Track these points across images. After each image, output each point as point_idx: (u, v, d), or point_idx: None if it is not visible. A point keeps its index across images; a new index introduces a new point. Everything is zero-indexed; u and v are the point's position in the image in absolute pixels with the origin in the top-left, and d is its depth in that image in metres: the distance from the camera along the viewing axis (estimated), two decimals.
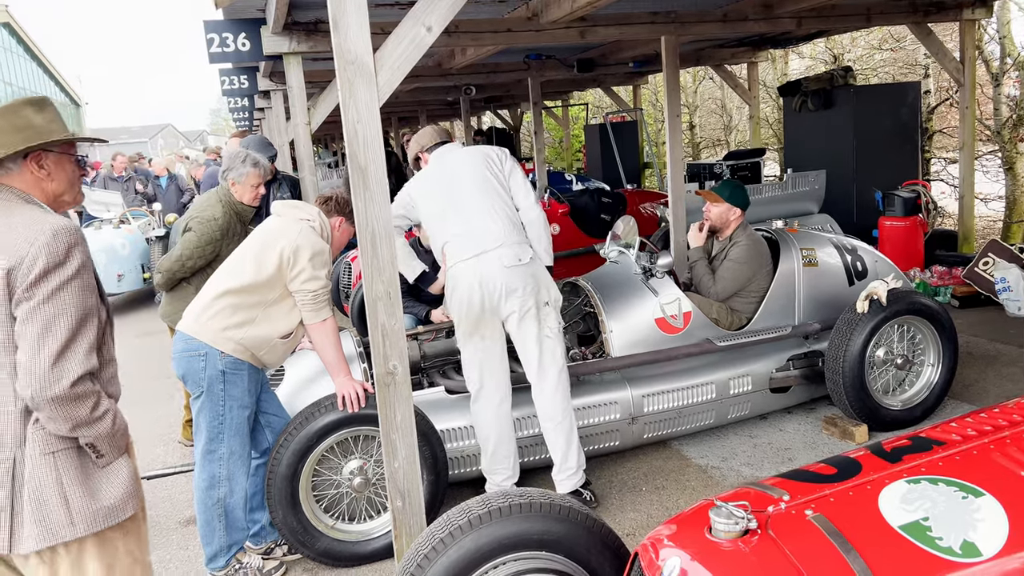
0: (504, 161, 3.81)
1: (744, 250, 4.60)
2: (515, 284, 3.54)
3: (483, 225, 3.59)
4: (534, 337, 3.60)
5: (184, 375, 3.26)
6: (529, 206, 3.75)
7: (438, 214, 3.72)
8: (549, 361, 3.64)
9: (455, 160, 3.81)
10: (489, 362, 3.64)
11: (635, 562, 1.80)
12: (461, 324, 3.64)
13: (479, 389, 3.67)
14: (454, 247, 3.62)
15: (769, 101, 14.56)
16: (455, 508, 2.30)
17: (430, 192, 3.78)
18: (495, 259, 3.54)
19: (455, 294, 3.62)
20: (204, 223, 4.14)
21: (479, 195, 3.65)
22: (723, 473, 4.14)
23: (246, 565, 3.42)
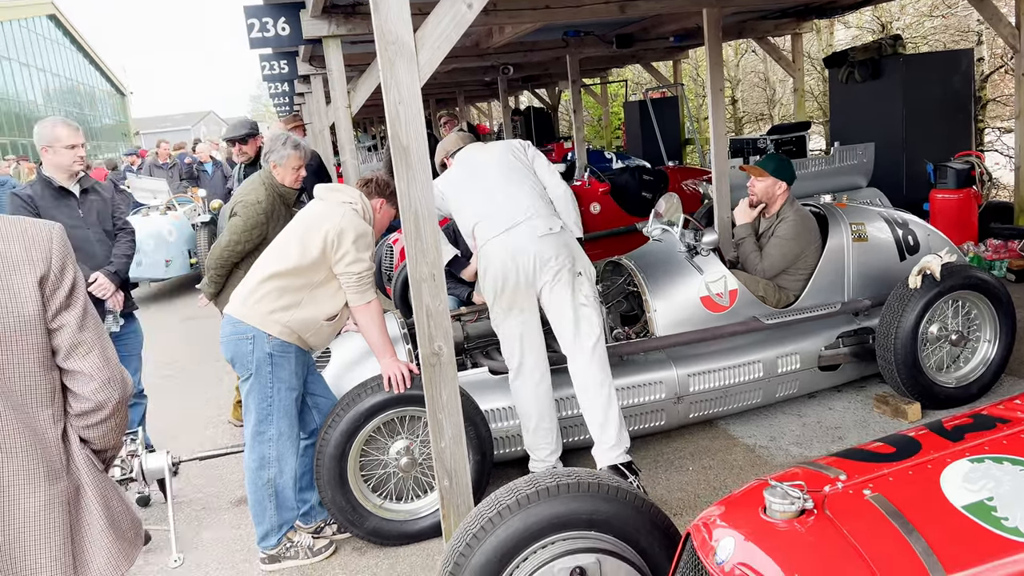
0: (527, 149, 3.96)
1: (792, 226, 4.50)
2: (548, 253, 3.55)
3: (511, 200, 3.66)
4: (569, 304, 3.58)
5: (232, 358, 3.31)
6: (556, 183, 3.87)
7: (467, 200, 3.79)
8: (586, 329, 3.59)
9: (479, 153, 3.96)
10: (528, 335, 3.63)
11: (687, 542, 1.77)
12: (498, 300, 3.63)
13: (519, 365, 3.65)
14: (484, 226, 3.65)
15: (814, 73, 14.21)
16: (503, 488, 2.30)
17: (457, 182, 3.88)
18: (526, 230, 3.57)
19: (489, 272, 3.61)
20: (248, 207, 4.18)
21: (505, 176, 3.76)
22: (771, 452, 4.08)
23: (297, 544, 3.47)
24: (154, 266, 9.50)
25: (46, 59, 40.47)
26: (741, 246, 4.62)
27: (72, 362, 1.73)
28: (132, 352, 4.32)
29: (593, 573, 2.15)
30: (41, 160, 3.97)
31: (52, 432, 1.72)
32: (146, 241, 9.00)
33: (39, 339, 1.68)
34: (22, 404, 1.67)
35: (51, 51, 41.46)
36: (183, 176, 13.29)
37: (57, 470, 1.72)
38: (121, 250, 4.13)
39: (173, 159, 13.70)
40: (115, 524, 1.81)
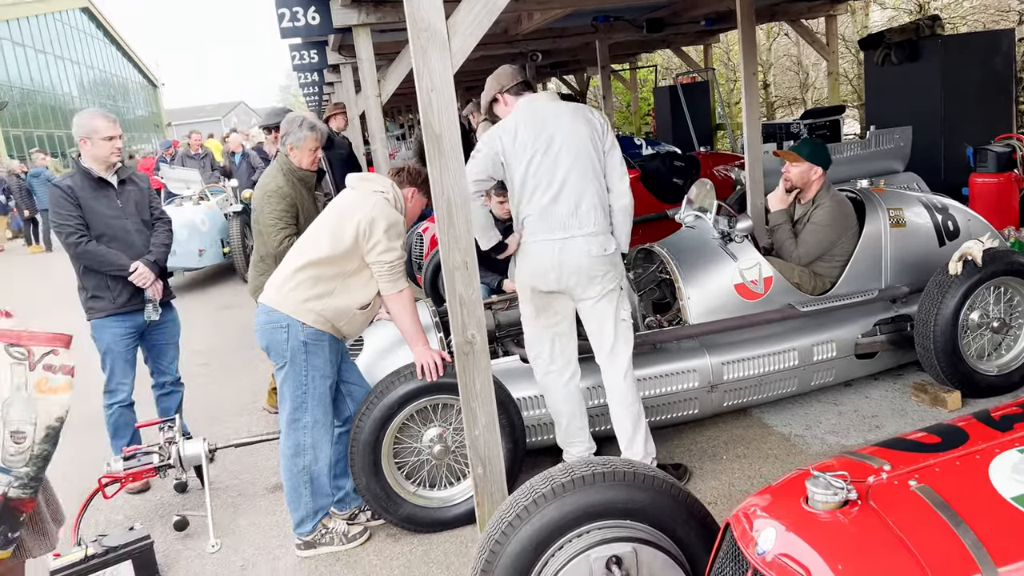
0: (606, 134, 3.54)
1: (828, 212, 4.42)
2: (596, 272, 3.42)
3: (574, 208, 3.40)
4: (611, 319, 3.49)
5: (267, 346, 3.34)
6: (623, 192, 3.54)
7: (527, 178, 3.45)
8: (623, 344, 3.53)
9: (555, 120, 3.45)
10: (559, 338, 3.57)
11: (726, 533, 1.76)
12: (533, 300, 3.55)
13: (549, 364, 3.61)
14: (537, 221, 3.44)
15: (848, 56, 13.94)
16: (538, 476, 2.29)
17: (523, 148, 3.43)
18: (582, 246, 3.40)
19: (530, 269, 3.50)
20: (270, 195, 4.25)
21: (576, 173, 3.41)
22: (807, 441, 4.03)
23: (332, 530, 3.51)
24: (188, 255, 9.61)
25: (80, 52, 41.10)
26: (776, 232, 4.56)
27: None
28: (170, 341, 4.38)
29: (629, 562, 2.13)
30: (79, 151, 4.03)
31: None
32: (180, 231, 9.08)
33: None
34: None
35: (85, 44, 42.07)
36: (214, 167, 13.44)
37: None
38: (159, 240, 4.19)
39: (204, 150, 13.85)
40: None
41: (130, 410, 4.27)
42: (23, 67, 33.57)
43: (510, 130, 3.47)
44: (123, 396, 4.21)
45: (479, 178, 3.47)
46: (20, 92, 32.64)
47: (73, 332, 2.35)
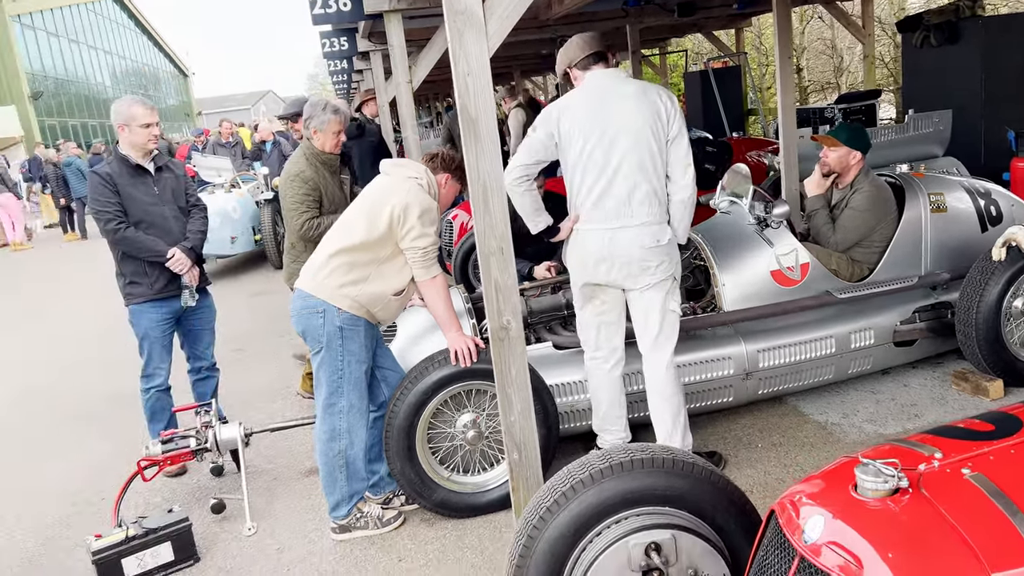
0: (672, 120, 3.32)
1: (867, 197, 4.34)
2: (649, 263, 3.34)
3: (627, 197, 3.29)
4: (659, 309, 3.43)
5: (304, 332, 3.36)
6: (685, 184, 3.37)
7: (580, 162, 3.34)
8: (668, 336, 3.47)
9: (617, 103, 3.29)
10: (607, 327, 3.54)
11: (771, 520, 1.73)
12: (583, 289, 3.51)
13: (595, 351, 3.59)
14: (591, 208, 3.36)
15: (884, 39, 13.66)
16: (575, 462, 2.28)
17: (578, 130, 3.31)
18: (634, 237, 3.31)
19: (581, 256, 3.43)
20: (292, 179, 4.29)
21: (631, 160, 3.26)
22: (844, 430, 3.98)
23: (366, 514, 3.53)
24: (220, 243, 9.71)
25: (113, 42, 41.62)
26: (813, 218, 4.49)
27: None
28: (206, 326, 4.42)
29: (668, 549, 2.12)
30: (118, 138, 4.07)
31: None
32: (212, 218, 9.04)
33: None
34: None
35: (117, 34, 42.58)
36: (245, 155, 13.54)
37: None
38: (195, 226, 4.23)
39: (234, 138, 13.96)
40: None
41: (167, 394, 4.33)
42: (57, 57, 34.08)
43: (567, 109, 3.35)
44: (160, 380, 4.27)
45: (526, 163, 3.39)
46: (55, 82, 33.16)
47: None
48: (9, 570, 3.62)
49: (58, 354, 7.47)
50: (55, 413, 5.75)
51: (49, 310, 9.74)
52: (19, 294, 11.17)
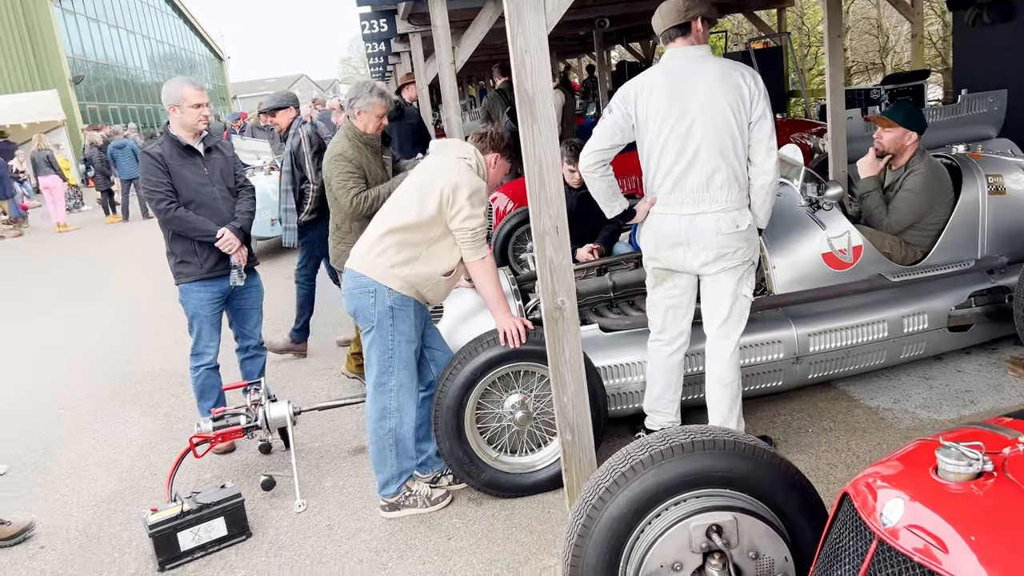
0: (756, 102, 3.18)
1: (921, 178, 4.24)
2: (726, 248, 3.26)
3: (706, 182, 3.20)
4: (731, 293, 3.35)
5: (355, 311, 3.38)
6: (766, 169, 3.24)
7: (656, 144, 3.25)
8: (736, 322, 3.41)
9: (697, 82, 3.17)
10: (675, 310, 3.49)
11: (843, 503, 1.70)
12: (655, 271, 3.47)
13: (659, 332, 3.55)
14: (668, 193, 3.28)
15: (931, 18, 13.32)
16: (633, 443, 2.27)
17: (656, 111, 3.21)
18: (713, 223, 3.23)
19: (656, 240, 3.37)
20: (336, 158, 4.32)
21: (710, 144, 3.17)
22: (896, 415, 3.91)
23: (415, 493, 3.55)
24: (260, 225, 9.77)
25: (150, 26, 42.10)
26: (866, 200, 4.39)
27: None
28: (254, 306, 4.47)
29: (730, 531, 2.10)
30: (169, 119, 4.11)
31: None
32: None
33: None
34: None
35: (155, 18, 43.06)
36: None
37: None
38: (244, 207, 4.27)
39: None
40: None
41: (215, 373, 4.39)
42: (97, 41, 34.58)
43: (644, 88, 3.24)
44: (209, 359, 4.32)
45: (603, 147, 3.31)
46: (94, 66, 33.66)
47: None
48: (67, 543, 3.71)
49: (103, 334, 7.61)
50: (101, 392, 5.87)
51: (94, 291, 9.93)
52: (63, 275, 11.40)
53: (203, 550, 3.43)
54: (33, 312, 8.91)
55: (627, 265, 4.56)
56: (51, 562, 3.57)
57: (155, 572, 3.35)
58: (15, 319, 8.73)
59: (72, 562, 3.54)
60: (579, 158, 5.14)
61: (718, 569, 2.10)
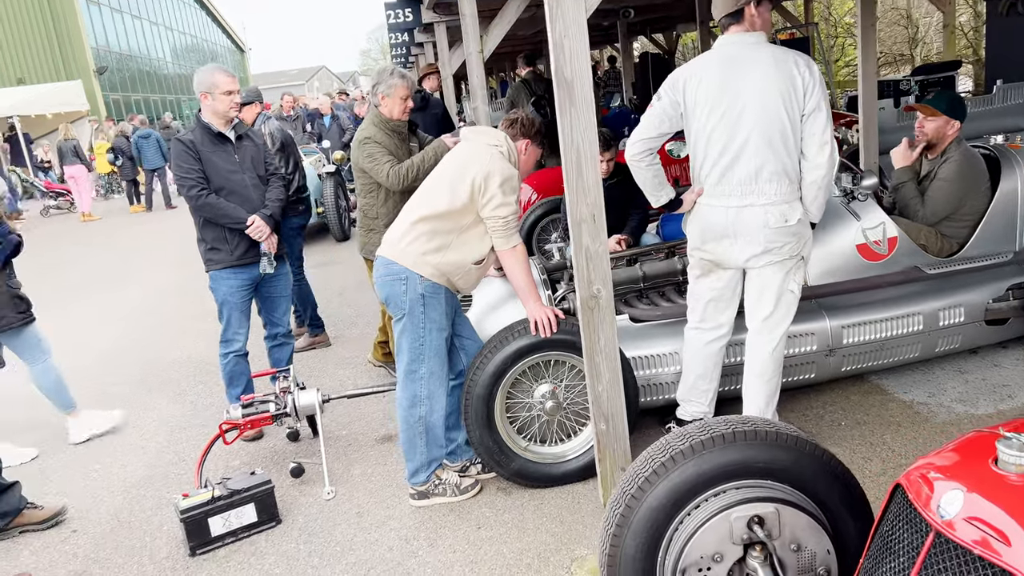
0: (810, 93, 3.07)
1: (956, 167, 4.16)
2: (773, 243, 3.17)
3: (754, 175, 3.12)
4: (775, 289, 3.27)
5: (387, 298, 3.37)
6: (819, 163, 3.13)
7: (704, 134, 3.18)
8: (781, 317, 3.34)
9: (750, 70, 3.07)
10: (718, 303, 3.43)
11: (895, 495, 1.67)
12: (700, 262, 3.41)
13: (699, 322, 3.51)
14: (715, 184, 3.21)
15: (963, 7, 13.10)
16: (672, 433, 2.24)
17: (705, 100, 3.14)
18: (760, 216, 3.14)
19: (702, 231, 3.31)
20: (363, 142, 4.31)
21: (760, 136, 3.08)
22: (931, 409, 3.85)
23: (444, 481, 3.55)
24: None
25: (172, 17, 42.32)
26: (900, 190, 4.32)
27: None
28: (282, 294, 4.48)
29: (771, 523, 2.07)
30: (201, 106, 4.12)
31: None
32: None
33: None
34: None
35: (178, 9, 43.30)
36: (305, 129, 13.69)
37: None
38: (274, 194, 4.27)
39: (296, 111, 14.11)
40: None
41: (245, 360, 4.40)
42: (120, 32, 34.81)
43: (694, 76, 3.16)
44: (238, 346, 4.34)
45: (650, 135, 3.26)
46: (117, 57, 33.89)
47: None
48: (99, 527, 3.75)
49: (129, 322, 7.67)
50: (129, 379, 5.92)
51: (121, 279, 10.01)
52: (91, 263, 11.51)
53: (233, 536, 3.45)
54: (61, 300, 9.00)
55: (657, 256, 4.51)
56: (83, 545, 3.60)
57: (186, 557, 3.37)
58: (43, 308, 8.83)
59: (104, 546, 3.57)
60: (610, 147, 5.14)
61: (759, 561, 2.07)
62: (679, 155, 7.47)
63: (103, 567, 3.41)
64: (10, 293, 4.29)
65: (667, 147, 7.69)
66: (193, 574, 3.26)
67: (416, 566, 3.13)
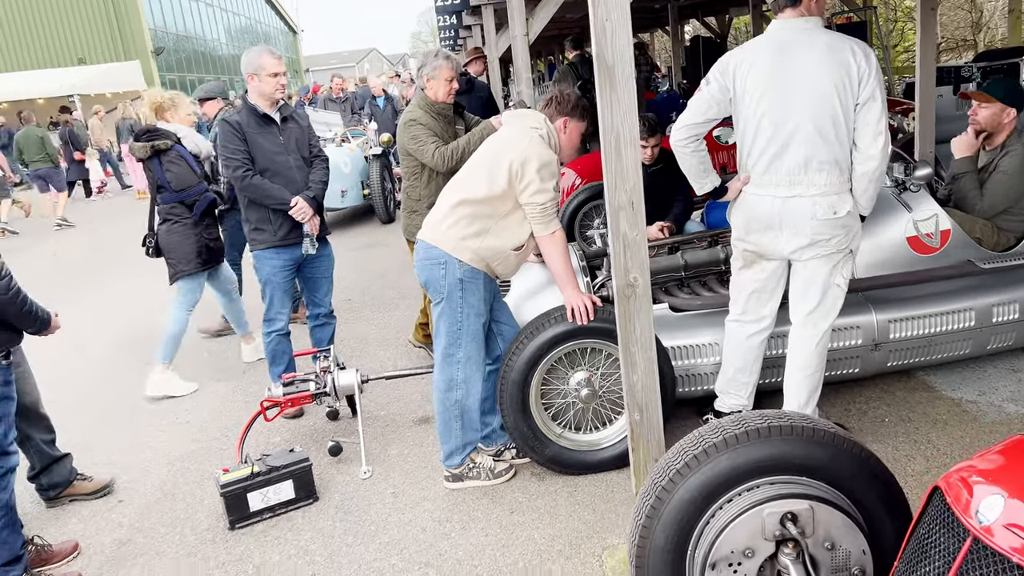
0: (865, 81, 2.96)
1: (1019, 159, 4.00)
2: (820, 235, 3.09)
3: (803, 164, 3.04)
4: (820, 283, 3.20)
5: (426, 282, 3.39)
6: (871, 155, 3.01)
7: (752, 120, 3.10)
8: (827, 311, 3.26)
9: (803, 57, 2.98)
10: (760, 295, 3.37)
11: (933, 498, 1.62)
12: (744, 253, 3.35)
13: (740, 314, 3.45)
14: (763, 173, 3.13)
15: None
16: (706, 426, 2.21)
17: (755, 85, 3.05)
18: (808, 207, 3.06)
19: (747, 221, 3.25)
20: (408, 124, 4.33)
21: (810, 124, 2.99)
22: (981, 408, 3.74)
23: (479, 465, 3.56)
24: (331, 196, 9.88)
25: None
26: (959, 181, 4.18)
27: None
28: (325, 274, 4.53)
29: (805, 520, 2.02)
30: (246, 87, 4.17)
31: None
32: None
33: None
34: None
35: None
36: (355, 110, 13.79)
37: None
38: (318, 176, 4.31)
39: (345, 93, 14.22)
40: None
41: (287, 339, 4.47)
42: (177, 14, 35.47)
43: (745, 61, 3.08)
44: (281, 325, 4.41)
45: (696, 120, 3.18)
46: (174, 38, 34.56)
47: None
48: (144, 497, 3.86)
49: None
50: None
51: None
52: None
53: (271, 511, 3.52)
54: (113, 276, 9.24)
55: (700, 244, 4.45)
56: (128, 515, 3.71)
57: (225, 530, 3.45)
58: (96, 283, 9.08)
59: (148, 516, 3.67)
60: (655, 132, 5.07)
61: (791, 558, 2.03)
62: (727, 142, 7.34)
63: (147, 536, 3.51)
64: (201, 242, 5.02)
65: (715, 133, 7.56)
66: (232, 547, 3.34)
67: (448, 547, 3.15)
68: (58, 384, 5.24)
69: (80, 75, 24.54)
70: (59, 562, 3.33)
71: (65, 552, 3.38)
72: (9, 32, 29.70)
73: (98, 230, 13.20)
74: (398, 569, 3.06)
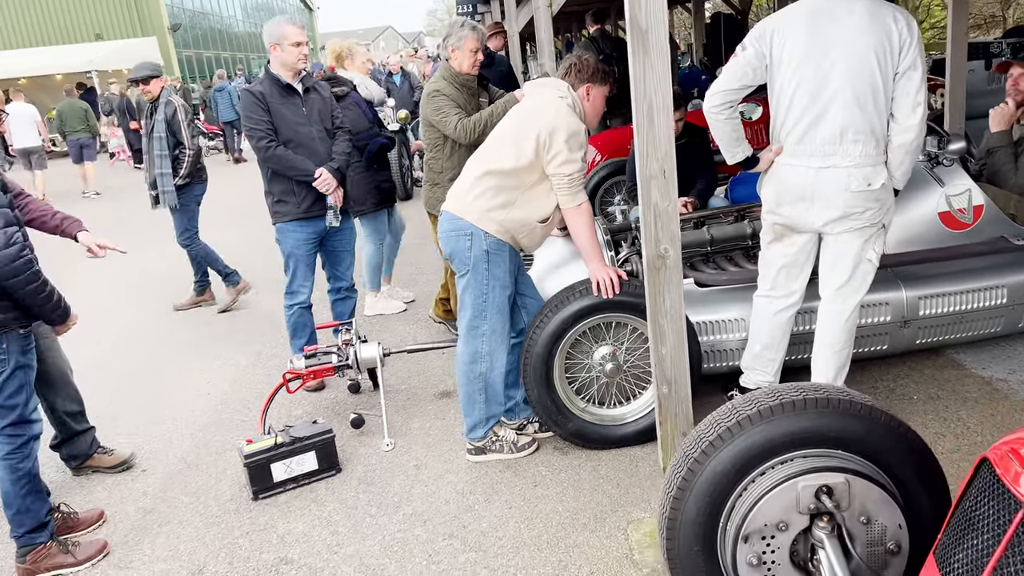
0: (907, 50, 2.89)
1: None
2: (853, 208, 3.03)
3: (839, 135, 2.97)
4: (852, 257, 3.15)
5: (451, 254, 3.36)
6: (909, 126, 2.95)
7: (787, 88, 3.03)
8: (857, 286, 3.21)
9: (842, 23, 2.91)
10: (790, 269, 3.31)
11: (980, 469, 1.58)
12: (774, 226, 3.29)
13: (769, 289, 3.40)
14: (796, 142, 3.07)
15: None
16: (740, 398, 2.18)
17: (792, 53, 2.98)
18: (842, 178, 3.00)
19: (778, 193, 3.17)
20: (432, 95, 4.29)
21: (848, 93, 2.92)
22: (1011, 386, 3.68)
23: (502, 438, 3.55)
24: None
25: None
26: (994, 155, 4.09)
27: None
28: (347, 248, 4.51)
29: (840, 493, 1.99)
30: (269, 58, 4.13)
31: None
32: None
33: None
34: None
35: None
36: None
37: None
38: (340, 148, 4.28)
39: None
40: None
41: (308, 312, 4.46)
42: None
43: (782, 27, 3.00)
44: (303, 298, 4.40)
45: (731, 87, 3.10)
46: (191, 15, 34.50)
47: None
48: (167, 467, 3.87)
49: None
50: (198, 327, 6.08)
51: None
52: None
53: (295, 482, 3.52)
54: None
55: (726, 219, 4.38)
56: (153, 484, 3.73)
57: (249, 500, 3.46)
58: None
59: (172, 486, 3.69)
60: (679, 106, 4.99)
61: (826, 532, 2.01)
62: (751, 117, 7.24)
63: (170, 505, 3.52)
64: (373, 184, 5.16)
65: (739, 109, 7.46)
66: (256, 517, 3.35)
67: (472, 520, 3.15)
68: (84, 352, 5.26)
69: (97, 51, 24.57)
70: (85, 530, 3.36)
71: (91, 520, 3.40)
72: (28, 8, 29.75)
73: (120, 200, 13.25)
74: (422, 540, 3.06)
